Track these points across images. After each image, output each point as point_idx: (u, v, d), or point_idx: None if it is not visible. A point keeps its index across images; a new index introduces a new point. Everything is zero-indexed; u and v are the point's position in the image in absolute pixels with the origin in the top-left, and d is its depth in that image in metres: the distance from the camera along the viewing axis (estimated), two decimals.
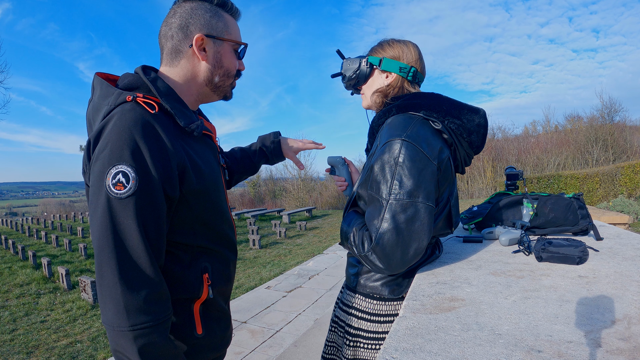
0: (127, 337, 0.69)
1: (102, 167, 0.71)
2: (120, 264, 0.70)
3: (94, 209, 0.72)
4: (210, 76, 0.89)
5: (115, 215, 0.70)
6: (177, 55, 0.86)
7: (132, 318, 0.69)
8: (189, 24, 0.84)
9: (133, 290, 0.70)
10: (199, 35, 0.84)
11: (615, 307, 0.74)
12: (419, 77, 1.10)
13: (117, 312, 0.69)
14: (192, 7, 0.85)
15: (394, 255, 0.87)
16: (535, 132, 22.53)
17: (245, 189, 26.09)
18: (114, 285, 0.69)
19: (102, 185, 0.70)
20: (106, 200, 0.70)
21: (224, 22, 0.89)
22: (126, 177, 0.70)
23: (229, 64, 0.91)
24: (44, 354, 3.41)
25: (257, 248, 8.11)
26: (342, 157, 1.28)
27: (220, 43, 0.88)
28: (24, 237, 11.02)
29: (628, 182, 11.46)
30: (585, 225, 1.37)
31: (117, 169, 0.70)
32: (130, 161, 0.71)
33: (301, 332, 3.44)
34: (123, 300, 0.69)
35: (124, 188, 0.70)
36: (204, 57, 0.87)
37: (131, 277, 0.70)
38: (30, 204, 77.52)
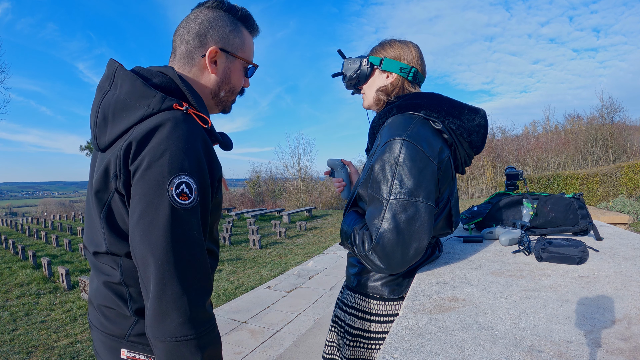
0: (191, 345, 0.69)
1: (160, 175, 0.68)
2: (186, 272, 0.69)
3: (151, 220, 0.68)
4: (217, 90, 0.88)
5: (181, 224, 0.69)
6: (190, 61, 0.85)
7: (198, 324, 0.70)
8: (207, 33, 0.84)
9: (198, 295, 0.70)
10: (214, 48, 0.83)
11: (615, 307, 0.74)
12: (419, 78, 1.10)
13: (183, 322, 0.68)
14: (215, 17, 0.84)
15: (395, 254, 0.87)
16: (535, 132, 22.55)
17: (245, 189, 26.11)
18: (180, 296, 0.68)
19: (164, 194, 0.68)
20: (170, 209, 0.68)
21: (241, 38, 0.88)
22: (189, 188, 0.69)
23: (236, 81, 0.90)
24: (44, 354, 3.41)
25: (257, 248, 8.11)
26: (341, 160, 1.29)
27: (233, 59, 0.87)
28: (24, 237, 11.02)
29: (628, 182, 11.46)
30: (585, 225, 1.37)
31: (180, 179, 0.68)
32: (191, 172, 0.70)
33: (301, 332, 3.44)
34: (189, 309, 0.68)
35: (188, 199, 0.69)
36: (213, 70, 0.86)
37: (197, 282, 0.70)
38: (30, 204, 77.51)
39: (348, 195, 1.26)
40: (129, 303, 0.78)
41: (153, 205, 0.68)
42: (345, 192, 1.27)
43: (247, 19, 0.89)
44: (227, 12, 0.86)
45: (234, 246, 8.49)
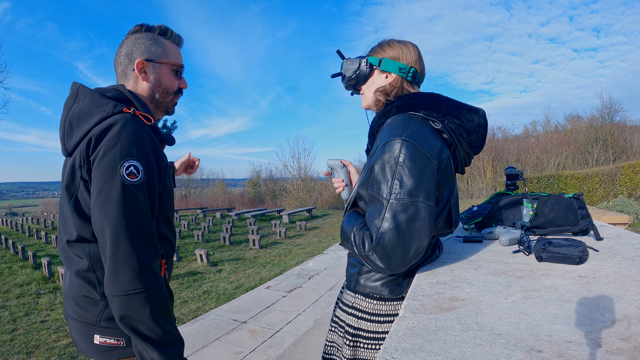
0: (140, 298, 0.83)
1: (113, 160, 0.85)
2: (135, 236, 0.84)
3: (106, 194, 0.84)
4: (152, 93, 1.05)
5: (131, 197, 0.85)
6: (126, 78, 1.03)
7: (145, 280, 0.84)
8: (132, 51, 1.01)
9: (145, 256, 0.85)
10: (139, 60, 1.01)
11: (615, 307, 0.74)
12: (418, 78, 1.10)
13: (133, 277, 0.82)
14: (136, 37, 1.02)
15: (395, 254, 0.87)
16: (535, 132, 22.55)
17: (245, 189, 26.10)
18: (130, 254, 0.83)
19: (116, 175, 0.84)
20: (121, 186, 0.84)
21: (162, 47, 1.04)
22: (136, 169, 0.86)
23: (167, 82, 1.06)
24: (44, 354, 3.41)
25: (257, 248, 8.11)
26: (341, 160, 1.29)
27: (159, 65, 1.04)
28: (24, 237, 11.02)
29: (628, 182, 11.46)
30: (585, 225, 1.37)
31: (129, 162, 0.85)
32: (138, 157, 0.87)
33: (301, 332, 3.44)
34: (138, 266, 0.83)
35: (136, 177, 0.86)
36: (144, 78, 1.03)
37: (144, 245, 0.86)
38: (30, 204, 77.53)
39: (348, 195, 1.26)
40: (97, 287, 0.92)
41: (108, 184, 0.84)
42: (346, 192, 1.27)
43: (165, 32, 1.06)
44: (147, 32, 1.04)
45: (234, 246, 8.49)
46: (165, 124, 21.49)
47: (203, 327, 3.69)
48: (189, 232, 10.36)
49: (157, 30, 1.04)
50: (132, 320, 0.83)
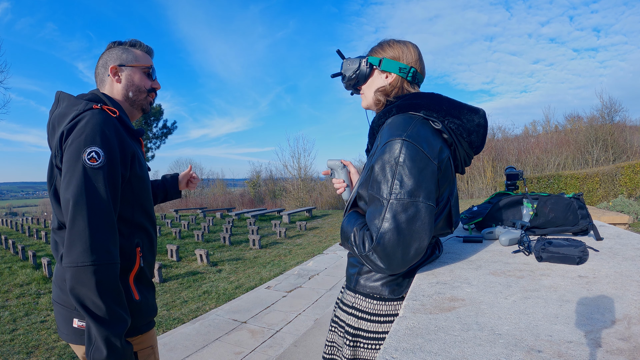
0: (87, 271, 0.89)
1: (78, 147, 0.96)
2: (90, 213, 0.93)
3: (70, 176, 0.95)
4: (125, 93, 1.18)
5: (90, 178, 0.95)
6: (103, 83, 1.19)
7: (95, 255, 0.91)
8: (107, 61, 1.18)
9: (98, 233, 0.93)
10: (112, 65, 1.16)
11: (615, 307, 0.74)
12: (418, 78, 1.10)
13: (83, 250, 0.90)
14: (109, 50, 1.19)
15: (395, 254, 0.87)
16: (535, 132, 22.54)
17: (245, 189, 26.10)
18: (84, 229, 0.91)
19: (79, 159, 0.95)
20: (82, 169, 0.95)
21: (133, 55, 1.20)
22: (97, 154, 0.96)
23: (138, 82, 1.20)
24: (44, 354, 3.41)
25: (257, 248, 8.11)
26: (341, 160, 1.29)
27: (130, 68, 1.19)
28: (24, 237, 11.02)
29: (628, 182, 11.46)
30: (585, 225, 1.37)
31: (91, 149, 0.96)
32: (100, 144, 0.98)
33: (301, 332, 3.44)
34: (89, 240, 0.91)
35: (96, 161, 0.96)
36: (118, 80, 1.18)
37: (98, 223, 0.94)
38: (30, 204, 77.55)
39: (348, 196, 1.26)
40: None
41: (72, 166, 0.95)
42: (347, 193, 1.27)
43: (135, 43, 1.22)
44: (119, 45, 1.20)
45: (234, 246, 8.49)
46: (165, 124, 21.49)
47: (203, 327, 3.69)
48: (189, 232, 10.35)
49: (128, 43, 1.21)
50: (78, 292, 0.90)
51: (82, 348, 1.02)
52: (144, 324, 1.13)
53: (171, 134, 21.89)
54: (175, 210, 15.67)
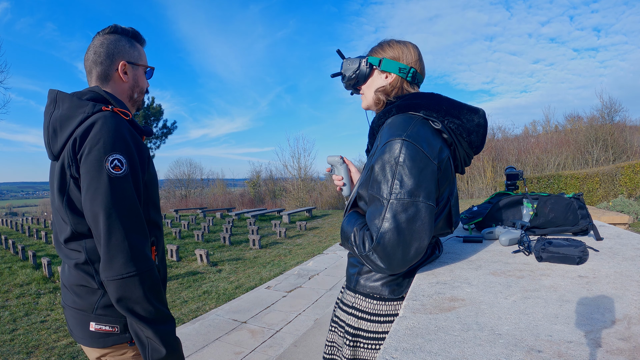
0: (135, 281, 0.90)
1: (98, 156, 0.91)
2: (125, 224, 0.91)
3: (95, 188, 0.90)
4: (131, 93, 1.14)
5: (118, 188, 0.92)
6: (107, 78, 1.09)
7: (138, 264, 0.91)
8: (114, 53, 1.08)
9: (136, 242, 0.92)
10: (123, 62, 1.08)
11: (615, 307, 0.74)
12: (418, 78, 1.10)
13: (126, 262, 0.89)
14: (116, 39, 1.09)
15: (395, 254, 0.87)
16: (535, 132, 22.55)
17: (245, 189, 26.10)
18: (122, 241, 0.90)
19: (102, 169, 0.90)
20: (108, 179, 0.90)
21: (138, 51, 1.14)
22: (120, 162, 0.93)
23: (143, 83, 1.16)
24: (44, 354, 3.41)
25: (257, 248, 8.11)
26: (341, 157, 1.28)
27: (137, 67, 1.13)
28: (24, 237, 11.02)
29: (628, 182, 11.46)
30: (585, 225, 1.37)
31: (113, 157, 0.92)
32: (121, 151, 0.93)
33: (301, 332, 3.44)
34: (130, 251, 0.90)
35: (121, 169, 0.92)
36: (126, 79, 1.10)
37: (134, 232, 0.93)
38: (30, 204, 77.54)
39: (349, 192, 1.26)
40: (95, 277, 0.98)
41: (96, 178, 0.91)
42: (346, 189, 1.26)
43: (137, 35, 1.15)
44: (122, 34, 1.11)
45: (234, 246, 8.49)
46: (165, 124, 21.50)
47: (203, 327, 3.69)
48: (189, 232, 10.35)
49: (130, 33, 1.13)
50: (127, 302, 0.90)
51: (97, 351, 1.01)
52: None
53: (171, 134, 21.85)
54: (175, 210, 15.68)
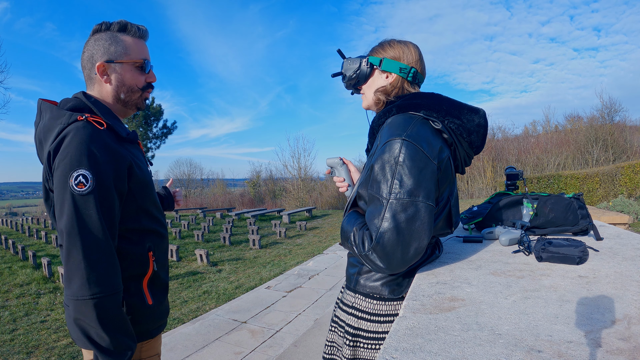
0: (88, 304, 0.86)
1: (64, 171, 0.88)
2: (84, 245, 0.87)
3: (60, 205, 0.89)
4: (116, 95, 1.06)
5: (80, 207, 0.88)
6: (91, 82, 1.05)
7: (93, 288, 0.87)
8: (93, 54, 1.02)
9: (94, 265, 0.88)
10: (100, 63, 1.02)
11: (615, 307, 0.74)
12: (419, 78, 1.10)
13: (82, 284, 0.86)
14: (96, 39, 1.02)
15: (395, 254, 0.87)
16: (535, 132, 22.54)
17: (245, 189, 26.10)
18: (80, 262, 0.87)
19: (67, 186, 0.88)
20: (71, 196, 0.88)
21: (122, 45, 1.03)
22: (85, 178, 0.89)
23: (130, 81, 1.06)
24: (44, 354, 3.41)
25: (257, 248, 8.11)
26: (340, 158, 1.28)
27: (120, 65, 1.04)
28: (24, 237, 11.02)
29: (628, 182, 11.46)
30: (585, 225, 1.37)
31: (77, 172, 0.88)
32: (87, 166, 0.89)
33: (301, 332, 3.44)
34: (86, 273, 0.87)
35: (85, 187, 0.89)
36: (107, 81, 1.04)
37: (94, 255, 0.88)
38: (30, 204, 77.54)
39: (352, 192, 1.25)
40: None
41: (61, 194, 0.89)
42: (350, 191, 1.26)
43: (125, 27, 1.04)
44: (106, 30, 1.03)
45: (234, 246, 8.49)
46: (165, 124, 21.49)
47: (203, 327, 3.69)
48: (189, 232, 10.36)
49: (116, 27, 1.03)
50: (82, 324, 0.88)
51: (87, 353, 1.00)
52: (155, 328, 1.10)
53: (171, 134, 21.85)
54: (175, 210, 15.67)
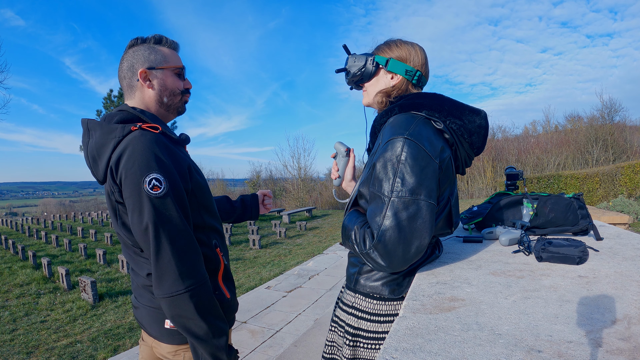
0: (184, 298, 0.92)
1: (135, 178, 0.91)
2: (171, 243, 0.93)
3: (139, 211, 0.92)
4: (159, 98, 1.10)
5: (160, 209, 0.92)
6: (132, 90, 1.09)
7: (187, 281, 0.93)
8: (133, 64, 1.07)
9: (184, 260, 0.94)
10: (142, 69, 1.06)
11: (615, 307, 0.74)
12: (422, 81, 1.10)
13: (174, 280, 0.92)
14: (134, 50, 1.08)
15: (396, 252, 0.87)
16: (535, 132, 22.55)
17: (245, 188, 26.08)
18: (169, 260, 0.92)
19: (141, 192, 0.91)
20: (149, 200, 0.91)
21: (160, 54, 1.10)
22: (158, 181, 0.92)
23: (171, 85, 1.12)
24: (44, 354, 3.41)
25: (257, 248, 8.11)
26: (347, 149, 1.27)
27: (161, 71, 1.09)
28: (24, 237, 11.01)
29: (628, 182, 11.46)
30: (585, 225, 1.37)
31: (149, 177, 0.91)
32: (157, 169, 0.93)
33: (301, 332, 3.44)
34: (177, 269, 0.92)
35: (160, 189, 0.92)
36: (149, 86, 1.08)
37: (181, 251, 0.94)
38: (30, 204, 77.53)
39: (339, 184, 1.28)
40: None
41: (137, 201, 0.92)
42: (337, 181, 1.29)
43: (160, 40, 1.12)
44: (142, 43, 1.10)
45: (234, 246, 8.49)
46: None
47: None
48: None
49: (152, 40, 1.11)
50: (180, 320, 0.94)
51: (171, 347, 1.06)
52: (230, 320, 1.15)
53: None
54: None
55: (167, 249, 0.92)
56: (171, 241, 0.92)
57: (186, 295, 0.92)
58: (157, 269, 0.92)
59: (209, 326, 0.96)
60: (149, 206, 0.91)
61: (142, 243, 0.94)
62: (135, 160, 0.92)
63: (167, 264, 0.92)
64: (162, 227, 0.92)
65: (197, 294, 0.94)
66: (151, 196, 0.91)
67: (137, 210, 0.92)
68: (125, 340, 3.64)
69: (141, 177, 0.91)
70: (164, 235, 0.92)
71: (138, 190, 0.91)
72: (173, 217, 0.94)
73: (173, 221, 0.94)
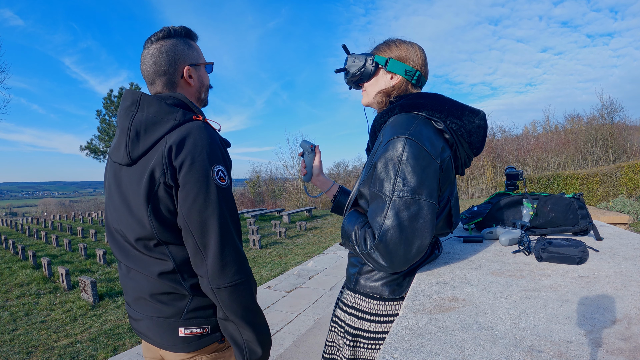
0: (245, 286, 0.94)
1: (203, 166, 0.92)
2: (236, 233, 0.97)
3: (204, 197, 0.92)
4: (198, 95, 1.12)
5: (227, 199, 0.95)
6: (173, 86, 1.06)
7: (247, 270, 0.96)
8: (175, 59, 1.04)
9: (242, 252, 0.97)
10: (187, 66, 1.05)
11: (615, 307, 0.74)
12: (422, 81, 1.10)
13: (238, 269, 0.94)
14: (172, 44, 1.04)
15: (397, 252, 0.87)
16: (535, 132, 22.56)
17: (245, 188, 26.10)
18: (235, 249, 0.94)
19: (209, 180, 0.92)
20: (217, 189, 0.92)
21: (196, 50, 1.10)
22: (223, 173, 0.95)
23: (207, 80, 1.14)
24: (44, 354, 3.41)
25: (257, 248, 8.10)
26: (314, 146, 1.33)
27: (199, 67, 1.10)
28: (24, 237, 11.01)
29: (628, 182, 11.46)
30: (585, 225, 1.37)
31: (217, 168, 0.94)
32: (222, 162, 0.96)
33: (301, 332, 3.44)
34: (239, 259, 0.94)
35: (224, 181, 0.95)
36: (191, 83, 1.08)
37: (240, 241, 0.98)
38: (30, 204, 77.53)
39: (308, 180, 1.33)
40: (183, 283, 0.98)
41: (204, 188, 0.91)
42: (307, 176, 1.33)
43: (189, 33, 1.10)
44: (176, 36, 1.06)
45: None
46: None
47: None
48: None
49: (183, 33, 1.08)
50: (238, 307, 0.94)
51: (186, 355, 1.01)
52: None
53: None
54: None
55: (232, 239, 0.94)
56: (236, 232, 0.96)
57: (247, 284, 0.95)
58: (221, 257, 0.92)
59: (259, 312, 0.99)
60: (216, 195, 0.92)
61: (197, 230, 0.92)
62: (203, 148, 0.92)
63: (232, 253, 0.93)
64: (229, 218, 0.94)
65: (253, 281, 0.98)
66: (219, 186, 0.93)
67: (201, 197, 0.91)
68: (125, 340, 3.64)
69: (210, 166, 0.92)
70: (231, 225, 0.95)
71: (206, 178, 0.91)
72: (234, 210, 0.98)
73: (234, 214, 0.97)
